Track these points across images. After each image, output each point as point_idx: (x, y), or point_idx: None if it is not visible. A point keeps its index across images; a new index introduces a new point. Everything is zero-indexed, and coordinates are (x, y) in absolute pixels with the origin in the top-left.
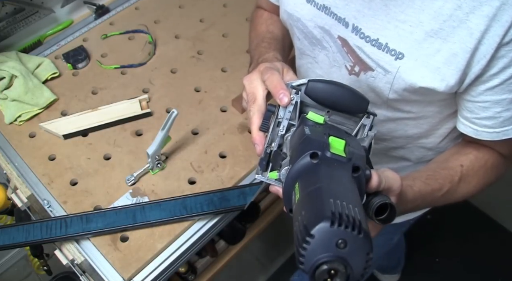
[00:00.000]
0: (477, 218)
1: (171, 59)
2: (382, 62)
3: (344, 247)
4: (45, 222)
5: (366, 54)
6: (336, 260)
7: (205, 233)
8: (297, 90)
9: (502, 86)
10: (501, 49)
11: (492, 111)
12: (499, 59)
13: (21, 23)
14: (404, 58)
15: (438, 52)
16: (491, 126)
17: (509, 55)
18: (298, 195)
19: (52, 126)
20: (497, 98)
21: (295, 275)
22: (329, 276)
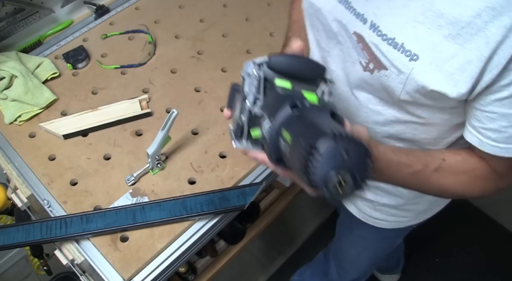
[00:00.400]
0: (477, 218)
1: (171, 59)
2: (397, 62)
3: (348, 157)
4: (45, 222)
5: (381, 52)
6: (343, 168)
7: (205, 233)
8: (259, 66)
9: (507, 101)
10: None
11: (498, 124)
12: (511, 71)
13: (21, 23)
14: (418, 60)
15: (454, 57)
16: (495, 139)
17: None
18: (289, 136)
19: (52, 126)
20: (505, 111)
21: (295, 275)
22: (339, 185)
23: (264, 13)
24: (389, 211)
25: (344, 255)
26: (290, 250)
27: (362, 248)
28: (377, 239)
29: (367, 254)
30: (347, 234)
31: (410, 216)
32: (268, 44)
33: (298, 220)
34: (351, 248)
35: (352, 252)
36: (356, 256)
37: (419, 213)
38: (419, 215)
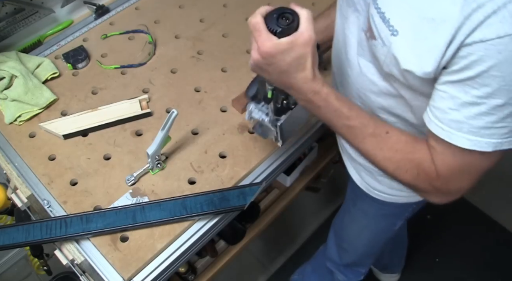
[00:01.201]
0: (477, 218)
1: (171, 59)
2: (382, 34)
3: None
4: (45, 222)
5: (374, 23)
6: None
7: (205, 233)
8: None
9: (460, 84)
10: (462, 49)
11: (446, 104)
12: (460, 58)
13: (21, 23)
14: (398, 36)
15: (426, 39)
16: (440, 120)
17: (469, 57)
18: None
19: (52, 126)
20: (453, 93)
21: (296, 274)
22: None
23: None
24: (389, 183)
25: (344, 232)
26: (290, 250)
27: (362, 225)
28: (378, 215)
29: (367, 234)
30: (350, 208)
31: (409, 191)
32: None
33: (298, 220)
34: (352, 223)
35: (353, 229)
36: (356, 234)
37: None
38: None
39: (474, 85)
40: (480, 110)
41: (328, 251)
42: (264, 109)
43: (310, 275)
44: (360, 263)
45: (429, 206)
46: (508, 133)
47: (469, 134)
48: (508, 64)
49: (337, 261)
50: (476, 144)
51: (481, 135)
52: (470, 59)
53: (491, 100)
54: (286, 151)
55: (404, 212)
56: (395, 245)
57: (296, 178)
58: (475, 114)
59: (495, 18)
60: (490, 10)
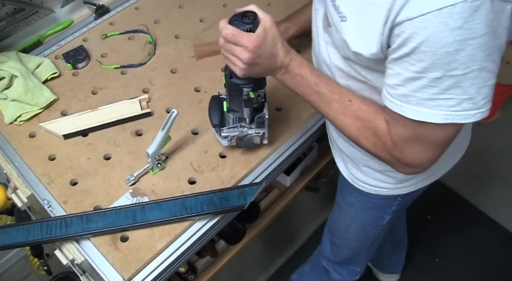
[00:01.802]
0: (477, 218)
1: (171, 59)
2: (335, 21)
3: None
4: (45, 222)
5: (329, 11)
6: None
7: (205, 233)
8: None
9: (400, 61)
10: (395, 28)
11: (393, 80)
12: (396, 37)
13: (21, 23)
14: (346, 22)
15: (369, 23)
16: (391, 95)
17: (402, 35)
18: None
19: (52, 126)
20: (397, 70)
21: (295, 274)
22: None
23: None
24: (373, 174)
25: (335, 227)
26: (290, 250)
27: (349, 218)
28: (363, 208)
29: (354, 227)
30: (339, 202)
31: (391, 183)
32: None
33: (298, 220)
34: (341, 217)
35: (342, 222)
36: (344, 227)
37: (400, 181)
38: (400, 184)
39: (411, 61)
40: (422, 83)
41: (322, 248)
42: (236, 127)
43: (308, 274)
44: (353, 260)
45: (429, 206)
46: (457, 105)
47: (418, 106)
48: (435, 39)
49: (331, 258)
50: (425, 115)
51: (429, 107)
52: (403, 37)
53: (429, 73)
54: (286, 151)
55: (389, 205)
56: (395, 245)
57: (296, 178)
58: (418, 87)
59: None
60: None
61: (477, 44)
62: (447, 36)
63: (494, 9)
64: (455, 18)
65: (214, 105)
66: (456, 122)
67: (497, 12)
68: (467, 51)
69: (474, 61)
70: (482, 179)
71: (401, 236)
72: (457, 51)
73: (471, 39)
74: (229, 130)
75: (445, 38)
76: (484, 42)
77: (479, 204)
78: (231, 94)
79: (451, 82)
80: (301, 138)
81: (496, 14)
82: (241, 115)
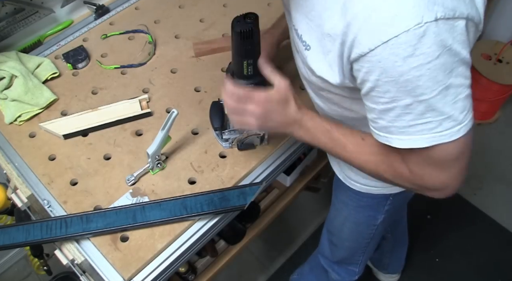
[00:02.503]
0: (477, 218)
1: (171, 59)
2: (300, 49)
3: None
4: (45, 222)
5: (293, 39)
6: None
7: (205, 233)
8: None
9: (369, 96)
10: (354, 64)
11: (371, 115)
12: (356, 72)
13: (21, 23)
14: (310, 50)
15: (330, 52)
16: (375, 128)
17: (362, 70)
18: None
19: (52, 126)
20: (370, 105)
21: (295, 274)
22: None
23: (264, 13)
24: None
25: (332, 226)
26: (290, 250)
27: (344, 216)
28: (356, 207)
29: (348, 226)
30: (334, 202)
31: (382, 181)
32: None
33: (298, 220)
34: (336, 216)
35: (337, 221)
36: (340, 226)
37: None
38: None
39: (378, 94)
40: (396, 113)
41: (321, 247)
42: (236, 131)
43: (308, 274)
44: (351, 260)
45: (429, 206)
46: (438, 126)
47: (400, 135)
48: (392, 70)
49: (329, 257)
50: (410, 142)
51: (411, 133)
52: (363, 71)
53: (399, 102)
54: (286, 151)
55: (381, 204)
56: (395, 244)
57: (296, 178)
58: (394, 117)
59: (364, 33)
60: (356, 28)
61: (435, 66)
62: (401, 65)
63: (442, 30)
64: (403, 48)
65: (214, 110)
66: (443, 142)
67: (447, 31)
68: (427, 75)
69: (437, 82)
70: (482, 179)
71: (402, 236)
72: (417, 77)
73: (427, 64)
74: (230, 132)
75: (400, 68)
76: (442, 62)
77: (479, 204)
78: None
79: (424, 107)
80: None
81: (447, 33)
82: None
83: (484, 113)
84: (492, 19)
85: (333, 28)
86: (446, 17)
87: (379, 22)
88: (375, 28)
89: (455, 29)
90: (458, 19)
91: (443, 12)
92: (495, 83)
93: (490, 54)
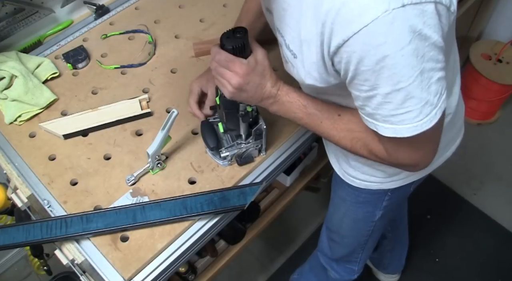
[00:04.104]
0: (477, 218)
1: (171, 59)
2: (289, 58)
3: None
4: (45, 222)
5: (282, 48)
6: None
7: (205, 233)
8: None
9: (352, 84)
10: (334, 57)
11: (357, 102)
12: (337, 64)
13: (21, 23)
14: (297, 58)
15: (308, 58)
16: (363, 114)
17: (342, 62)
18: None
19: (52, 126)
20: (355, 93)
21: (295, 274)
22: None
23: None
24: (361, 168)
25: (331, 223)
26: (290, 250)
27: (342, 212)
28: (354, 202)
29: (347, 222)
30: (333, 198)
31: (380, 176)
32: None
33: (298, 220)
34: (335, 212)
35: (336, 217)
36: (338, 222)
37: (389, 175)
38: (389, 178)
39: (359, 82)
40: (378, 101)
41: (320, 244)
42: (233, 146)
43: (308, 273)
44: (350, 258)
45: (429, 206)
46: (419, 115)
47: (384, 123)
48: (367, 58)
49: (328, 254)
50: (394, 131)
51: (394, 123)
52: (343, 62)
53: (379, 89)
54: (286, 151)
55: (380, 200)
56: (396, 244)
57: (296, 178)
58: (377, 104)
59: (338, 26)
60: (329, 23)
61: (408, 52)
62: (375, 53)
63: (410, 16)
64: (374, 36)
65: (206, 130)
66: (425, 129)
67: (417, 16)
68: (402, 62)
69: (412, 68)
70: (482, 179)
71: (402, 236)
72: (392, 65)
73: (400, 50)
74: (228, 149)
75: (374, 56)
76: (414, 47)
77: (479, 204)
78: (227, 112)
79: (403, 95)
80: (301, 138)
81: (416, 18)
82: (237, 132)
83: (484, 113)
84: (492, 19)
85: (308, 33)
86: (413, 3)
87: (349, 14)
88: (346, 19)
89: (425, 13)
90: (426, 4)
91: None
92: (495, 83)
93: (490, 54)
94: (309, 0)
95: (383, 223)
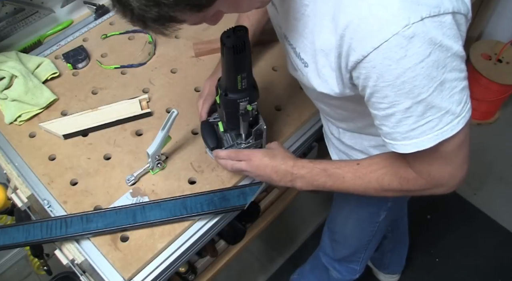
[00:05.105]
0: (477, 218)
1: (171, 59)
2: (299, 66)
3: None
4: (45, 222)
5: (292, 57)
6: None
7: (205, 233)
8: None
9: (370, 103)
10: (353, 72)
11: (376, 121)
12: (356, 79)
13: (21, 23)
14: (308, 67)
15: (324, 67)
16: (383, 135)
17: (360, 77)
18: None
19: (52, 126)
20: (373, 113)
21: (295, 274)
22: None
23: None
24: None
25: (334, 224)
26: (290, 250)
27: (346, 213)
28: (358, 203)
29: (351, 222)
30: (336, 198)
31: None
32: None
33: (298, 220)
34: (338, 213)
35: (339, 218)
36: (342, 223)
37: None
38: None
39: (377, 100)
40: (397, 118)
41: (322, 244)
42: (233, 145)
43: (308, 274)
44: (352, 258)
45: (429, 206)
46: (439, 124)
47: (404, 140)
48: (387, 73)
49: (331, 254)
50: (415, 146)
51: (414, 137)
52: (361, 78)
53: (398, 106)
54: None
55: (384, 201)
56: (396, 244)
57: None
58: (396, 122)
59: (356, 42)
60: (348, 38)
61: (428, 64)
62: (395, 68)
63: (429, 28)
64: (395, 51)
65: (206, 130)
66: (446, 137)
67: (436, 28)
68: (422, 74)
69: (432, 79)
70: (482, 179)
71: (403, 236)
72: (413, 78)
73: (420, 62)
74: (228, 149)
75: (395, 70)
76: (434, 59)
77: (479, 204)
78: (227, 111)
79: (423, 107)
80: (301, 138)
81: (436, 30)
82: (237, 132)
83: (484, 113)
84: (492, 19)
85: (325, 43)
86: (432, 15)
87: (368, 29)
88: (365, 35)
89: (443, 25)
90: (444, 15)
91: (427, 10)
92: (495, 83)
93: (490, 54)
94: (326, 11)
95: (386, 223)
